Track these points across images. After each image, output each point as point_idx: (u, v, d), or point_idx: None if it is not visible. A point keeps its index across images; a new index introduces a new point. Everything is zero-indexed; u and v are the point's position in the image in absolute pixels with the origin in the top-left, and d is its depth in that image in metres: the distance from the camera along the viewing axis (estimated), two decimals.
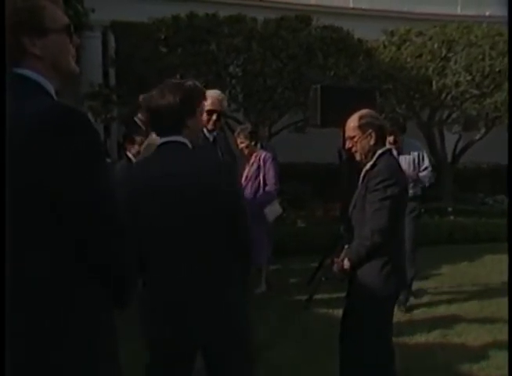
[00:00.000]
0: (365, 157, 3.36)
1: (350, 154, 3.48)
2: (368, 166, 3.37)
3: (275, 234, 7.19)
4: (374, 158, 3.33)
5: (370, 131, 3.29)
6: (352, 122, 3.35)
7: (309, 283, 6.55)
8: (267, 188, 6.34)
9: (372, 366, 3.34)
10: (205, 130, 4.14)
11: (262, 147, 7.60)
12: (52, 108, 1.62)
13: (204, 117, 4.07)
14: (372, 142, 3.30)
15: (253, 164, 6.33)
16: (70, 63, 1.82)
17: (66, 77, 1.83)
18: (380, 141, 3.34)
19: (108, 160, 5.37)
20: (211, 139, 4.22)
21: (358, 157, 3.40)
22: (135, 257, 1.86)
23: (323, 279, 6.10)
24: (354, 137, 3.34)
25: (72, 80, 1.90)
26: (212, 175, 2.54)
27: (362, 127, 3.31)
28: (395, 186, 3.23)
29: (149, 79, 8.15)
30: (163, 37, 10.14)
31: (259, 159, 6.37)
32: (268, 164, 6.37)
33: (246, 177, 6.29)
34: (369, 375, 3.37)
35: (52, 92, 1.76)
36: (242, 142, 6.28)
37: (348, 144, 3.40)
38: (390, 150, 3.40)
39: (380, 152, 3.32)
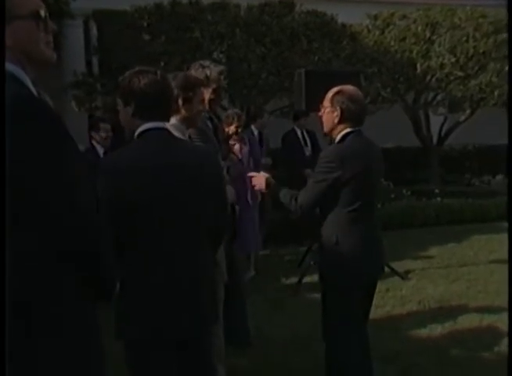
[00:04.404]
0: (330, 132, 3.31)
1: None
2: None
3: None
4: (338, 138, 3.26)
5: (338, 108, 3.20)
6: (330, 93, 3.28)
7: (300, 265, 6.63)
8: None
9: (340, 354, 3.31)
10: (206, 114, 3.71)
11: (260, 133, 7.63)
12: (11, 97, 1.58)
13: (211, 96, 3.66)
14: (336, 120, 3.22)
15: (241, 148, 6.31)
16: (43, 51, 1.76)
17: (41, 65, 1.77)
18: (344, 122, 3.23)
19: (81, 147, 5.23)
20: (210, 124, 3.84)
21: (324, 127, 3.35)
22: (110, 244, 1.85)
23: (312, 263, 6.13)
24: (325, 107, 3.28)
25: (49, 68, 1.84)
26: (202, 164, 2.53)
27: (333, 101, 3.23)
28: (335, 170, 3.13)
29: (133, 67, 8.08)
30: (146, 24, 10.08)
31: (245, 143, 6.37)
32: (254, 146, 6.41)
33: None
34: (340, 359, 3.35)
35: (27, 80, 1.71)
36: (237, 127, 6.19)
37: (321, 111, 3.35)
38: (354, 132, 3.25)
39: (343, 133, 3.25)
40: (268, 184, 3.49)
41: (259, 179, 3.54)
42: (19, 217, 1.59)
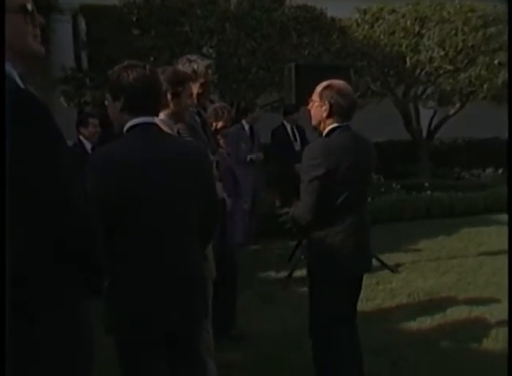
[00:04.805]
0: (318, 125, 3.28)
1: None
2: None
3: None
4: (325, 132, 3.25)
5: (326, 103, 3.18)
6: (320, 87, 3.25)
7: (290, 260, 6.65)
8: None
9: (329, 349, 3.30)
10: (194, 109, 3.70)
11: (251, 128, 7.66)
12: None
13: (199, 91, 3.64)
14: (324, 114, 3.20)
15: (226, 143, 6.32)
16: (31, 44, 1.75)
17: (29, 59, 1.76)
18: (333, 117, 3.21)
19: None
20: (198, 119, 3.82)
21: (312, 121, 3.33)
22: (100, 241, 1.84)
23: (302, 257, 6.15)
24: (314, 102, 3.26)
25: (38, 61, 1.83)
26: (191, 159, 2.51)
27: (321, 95, 3.21)
28: (320, 166, 3.10)
29: (122, 62, 8.06)
30: (135, 19, 10.04)
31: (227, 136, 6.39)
32: (238, 141, 6.44)
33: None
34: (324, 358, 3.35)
35: (14, 75, 1.70)
36: (226, 122, 6.16)
37: (309, 105, 3.32)
38: (341, 127, 3.22)
39: (331, 127, 3.22)
40: None
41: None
42: (13, 216, 1.58)
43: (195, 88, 3.51)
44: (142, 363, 2.46)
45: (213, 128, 5.41)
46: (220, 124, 5.86)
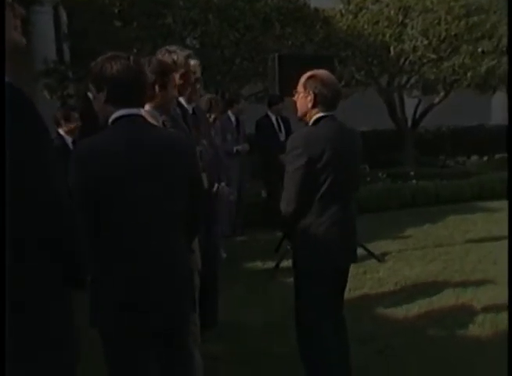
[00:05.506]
0: (303, 116, 3.29)
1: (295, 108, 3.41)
2: None
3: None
4: (311, 122, 3.24)
5: (311, 93, 3.18)
6: (303, 77, 3.26)
7: (277, 250, 6.65)
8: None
9: (315, 340, 3.30)
10: (183, 101, 3.73)
11: (237, 119, 7.67)
12: None
13: (180, 82, 3.57)
14: (309, 104, 3.21)
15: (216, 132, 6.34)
16: (12, 36, 1.72)
17: (11, 50, 1.74)
18: (317, 107, 3.20)
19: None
20: (191, 110, 3.82)
21: (298, 112, 3.33)
22: (84, 240, 1.82)
23: (289, 248, 6.15)
24: (299, 93, 3.27)
25: (20, 54, 1.80)
26: (177, 152, 2.48)
27: (306, 86, 3.21)
28: (302, 156, 3.10)
29: (105, 53, 7.99)
30: (117, 11, 9.95)
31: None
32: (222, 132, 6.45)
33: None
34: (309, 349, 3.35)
35: None
36: (219, 112, 6.18)
37: (295, 97, 3.33)
38: (326, 117, 3.21)
39: (316, 117, 3.22)
40: None
41: None
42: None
43: (176, 79, 3.47)
44: (129, 357, 2.44)
45: (211, 119, 5.46)
46: (213, 116, 5.91)
